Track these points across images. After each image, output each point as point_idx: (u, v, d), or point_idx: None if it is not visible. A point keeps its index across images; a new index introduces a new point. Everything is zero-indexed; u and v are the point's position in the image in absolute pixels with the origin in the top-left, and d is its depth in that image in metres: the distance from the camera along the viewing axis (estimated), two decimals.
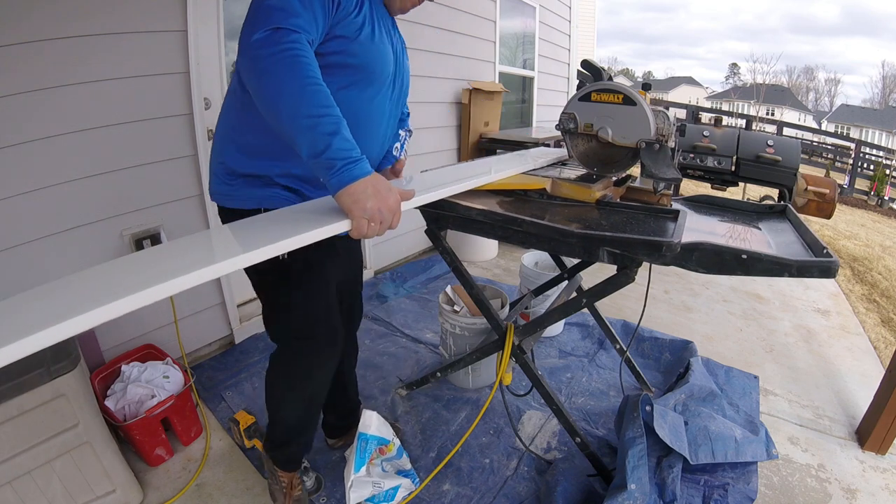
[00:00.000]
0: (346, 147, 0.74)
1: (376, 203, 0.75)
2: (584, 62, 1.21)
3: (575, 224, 0.99)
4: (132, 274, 0.60)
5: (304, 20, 0.77)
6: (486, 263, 3.18)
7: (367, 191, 0.75)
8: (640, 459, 1.21)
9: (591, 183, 1.15)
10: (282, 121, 0.75)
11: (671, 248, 0.86)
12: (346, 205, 0.75)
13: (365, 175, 0.75)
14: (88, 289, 0.56)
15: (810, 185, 1.32)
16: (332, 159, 0.73)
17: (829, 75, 52.01)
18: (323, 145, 0.73)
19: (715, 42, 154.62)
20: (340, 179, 0.74)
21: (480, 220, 1.06)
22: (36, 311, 0.51)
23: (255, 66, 0.75)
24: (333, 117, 0.75)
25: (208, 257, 0.63)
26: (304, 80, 0.74)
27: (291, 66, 0.73)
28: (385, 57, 0.96)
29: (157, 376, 1.51)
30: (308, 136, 0.74)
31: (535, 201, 1.15)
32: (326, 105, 0.75)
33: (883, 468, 1.49)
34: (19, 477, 1.09)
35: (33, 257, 1.44)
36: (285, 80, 0.73)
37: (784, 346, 2.22)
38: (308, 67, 0.74)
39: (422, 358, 2.03)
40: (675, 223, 0.98)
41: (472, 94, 3.13)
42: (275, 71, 0.73)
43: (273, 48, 0.73)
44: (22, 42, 1.32)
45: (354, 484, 1.25)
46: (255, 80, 0.75)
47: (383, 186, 0.77)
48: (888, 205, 7.80)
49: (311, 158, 0.75)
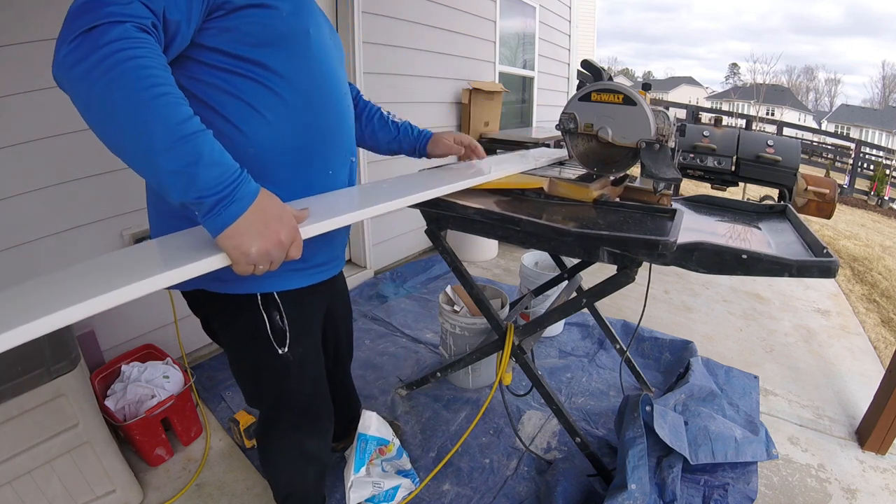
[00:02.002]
0: (214, 175, 0.57)
1: (263, 244, 0.61)
2: (584, 62, 1.20)
3: (572, 223, 0.99)
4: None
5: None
6: (486, 263, 3.18)
7: (249, 229, 0.60)
8: (640, 459, 1.21)
9: (589, 182, 1.15)
10: (131, 163, 0.58)
11: (667, 246, 0.86)
12: (226, 249, 0.60)
13: (244, 209, 0.60)
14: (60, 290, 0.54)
15: (810, 185, 1.32)
16: (200, 198, 0.57)
17: (829, 75, 52.05)
18: (185, 182, 0.56)
19: (717, 42, 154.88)
20: (214, 223, 0.59)
21: (478, 219, 1.05)
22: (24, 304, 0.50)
23: (74, 94, 0.55)
24: (190, 138, 0.56)
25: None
26: (138, 96, 0.53)
27: (116, 80, 0.52)
28: (316, 13, 0.80)
29: (157, 376, 1.51)
30: (161, 177, 0.56)
31: (532, 200, 1.15)
32: (178, 121, 0.55)
33: (883, 468, 1.49)
34: (19, 477, 1.09)
35: (33, 257, 1.44)
36: (112, 105, 0.53)
37: (784, 346, 2.22)
38: (142, 71, 0.53)
39: (422, 358, 2.03)
40: (671, 222, 0.98)
41: (472, 94, 3.13)
42: (97, 97, 0.53)
43: (85, 62, 0.52)
44: (22, 42, 1.32)
45: (354, 484, 1.25)
46: (83, 116, 0.55)
47: (271, 217, 0.62)
48: (888, 205, 7.80)
49: (178, 201, 0.58)
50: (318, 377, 1.02)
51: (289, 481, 1.11)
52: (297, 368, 0.94)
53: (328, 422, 1.10)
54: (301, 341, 0.92)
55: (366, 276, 2.79)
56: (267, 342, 0.88)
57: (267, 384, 0.96)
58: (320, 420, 1.07)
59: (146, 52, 0.54)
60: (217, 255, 0.61)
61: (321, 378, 1.04)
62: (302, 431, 1.03)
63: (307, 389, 0.99)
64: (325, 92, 0.82)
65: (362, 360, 1.98)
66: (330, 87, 0.83)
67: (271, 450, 1.06)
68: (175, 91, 0.57)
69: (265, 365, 0.92)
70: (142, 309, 1.71)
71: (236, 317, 0.87)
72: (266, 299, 0.85)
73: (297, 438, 1.04)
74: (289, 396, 0.97)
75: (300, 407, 1.00)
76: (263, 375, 0.94)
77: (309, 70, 0.78)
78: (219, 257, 0.61)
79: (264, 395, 0.99)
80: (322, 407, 1.06)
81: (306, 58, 0.77)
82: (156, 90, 0.54)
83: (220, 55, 0.69)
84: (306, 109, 0.79)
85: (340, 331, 1.24)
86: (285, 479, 1.11)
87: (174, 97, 0.56)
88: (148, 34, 0.56)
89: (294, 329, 0.90)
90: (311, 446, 1.07)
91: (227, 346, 0.95)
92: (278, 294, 0.86)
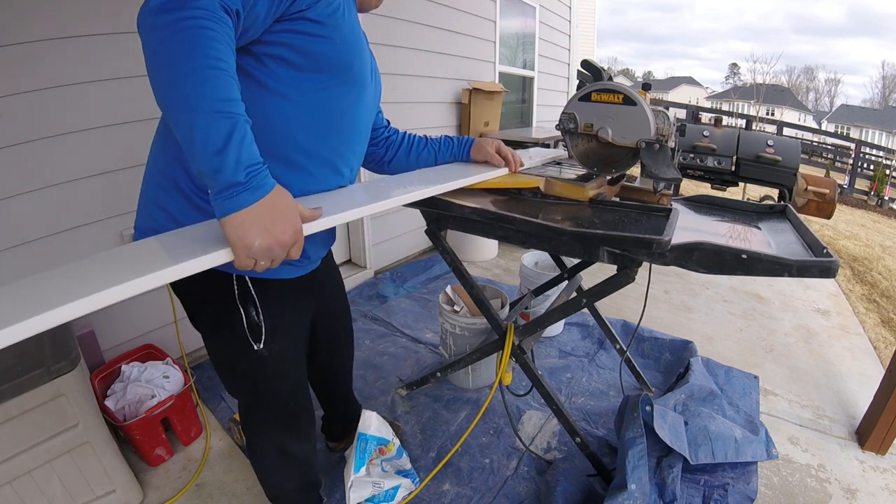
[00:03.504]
0: (240, 156, 0.59)
1: (267, 240, 0.61)
2: (584, 62, 1.20)
3: (568, 222, 0.99)
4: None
5: None
6: (486, 263, 3.18)
7: (257, 222, 0.60)
8: (640, 459, 1.21)
9: (586, 182, 1.15)
10: (171, 115, 0.58)
11: (662, 245, 0.86)
12: (229, 237, 0.60)
13: (257, 199, 0.60)
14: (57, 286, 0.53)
15: (810, 185, 1.32)
16: (218, 171, 0.58)
17: (830, 75, 52.06)
18: (211, 151, 0.57)
19: (718, 42, 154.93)
20: (224, 205, 0.59)
21: (475, 218, 1.05)
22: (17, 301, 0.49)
23: (147, 40, 0.57)
24: (231, 115, 0.58)
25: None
26: (202, 60, 0.56)
27: (189, 39, 0.56)
28: (363, 50, 0.84)
29: (157, 376, 1.51)
30: (194, 136, 0.57)
31: (528, 200, 1.15)
32: (227, 97, 0.58)
33: (883, 468, 1.49)
34: (19, 477, 1.09)
35: (33, 257, 1.44)
36: (177, 58, 0.56)
37: (784, 346, 2.22)
38: (211, 43, 0.57)
39: (422, 358, 2.03)
40: (667, 221, 0.99)
41: (472, 94, 3.13)
42: (165, 47, 0.56)
43: (168, 16, 0.55)
44: (23, 42, 1.32)
45: (354, 484, 1.25)
46: (146, 61, 0.57)
47: (281, 214, 0.62)
48: (888, 205, 7.80)
49: (199, 166, 0.59)
50: (297, 377, 1.02)
51: (275, 481, 1.11)
52: (273, 366, 0.93)
53: (308, 423, 1.09)
54: (278, 339, 0.91)
55: (366, 276, 2.79)
56: (242, 336, 0.87)
57: (242, 378, 0.96)
58: (299, 420, 1.06)
59: (221, 30, 0.59)
60: (220, 250, 0.60)
61: (301, 378, 1.04)
62: (280, 430, 1.03)
63: (285, 388, 0.99)
64: (342, 122, 0.84)
65: (362, 360, 1.98)
66: (349, 120, 0.85)
67: (254, 445, 1.06)
68: (233, 73, 0.60)
69: (239, 359, 0.91)
70: (142, 309, 1.71)
71: (214, 305, 0.87)
72: (242, 291, 0.84)
73: (277, 438, 1.03)
74: (265, 393, 0.97)
75: (278, 405, 1.00)
76: (238, 368, 0.94)
77: (333, 97, 0.80)
78: (222, 252, 0.60)
79: (240, 388, 0.99)
80: (301, 407, 1.05)
81: (339, 86, 0.80)
82: (218, 63, 0.57)
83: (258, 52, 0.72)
84: (318, 127, 0.81)
85: (336, 325, 1.24)
86: (271, 479, 1.11)
87: (231, 77, 0.60)
88: (229, 17, 0.60)
89: (270, 325, 0.89)
90: (292, 447, 1.06)
91: (203, 333, 0.94)
92: (254, 289, 0.85)
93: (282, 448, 1.05)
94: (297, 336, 0.99)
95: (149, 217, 0.81)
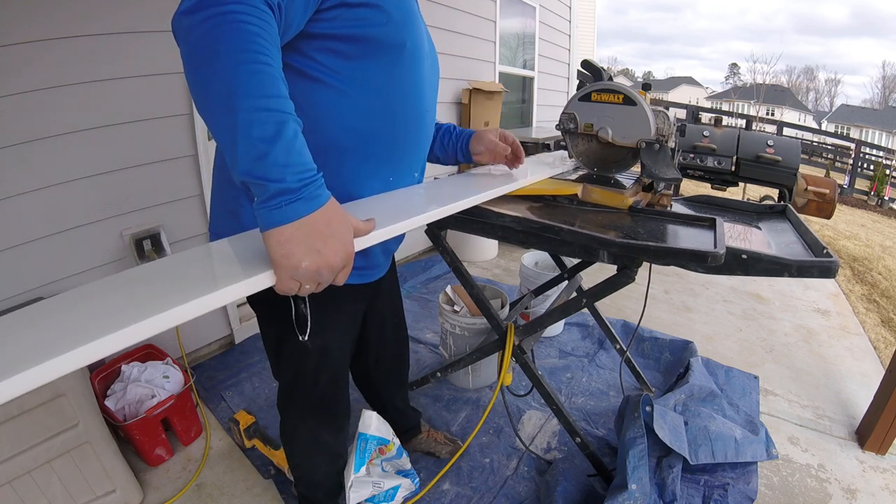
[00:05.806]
0: (288, 161, 0.51)
1: (315, 262, 0.53)
2: (584, 62, 1.21)
3: (612, 232, 0.97)
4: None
5: None
6: (486, 263, 3.18)
7: (306, 239, 0.52)
8: (640, 459, 1.21)
9: (623, 189, 1.12)
10: (210, 121, 0.52)
11: (716, 258, 0.82)
12: (273, 254, 0.52)
13: (309, 212, 0.52)
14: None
15: (810, 185, 1.32)
16: (264, 179, 0.50)
17: (830, 75, 52.07)
18: (256, 154, 0.50)
19: (720, 42, 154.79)
20: (270, 216, 0.51)
21: (515, 227, 1.01)
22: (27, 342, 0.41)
23: (183, 42, 0.52)
24: (278, 112, 0.51)
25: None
26: (243, 55, 0.50)
27: (227, 34, 0.50)
28: (416, 22, 0.77)
29: (157, 376, 1.51)
30: (236, 138, 0.50)
31: (564, 207, 1.12)
32: (270, 93, 0.51)
33: (883, 468, 1.49)
34: (19, 477, 1.09)
35: (33, 257, 1.44)
36: (214, 55, 0.50)
37: (784, 346, 2.22)
38: (253, 38, 0.51)
39: (422, 358, 2.03)
40: (712, 231, 0.96)
41: (472, 94, 3.13)
42: (202, 45, 0.50)
43: (205, 12, 0.50)
44: (23, 42, 1.32)
45: (354, 484, 1.24)
46: (185, 66, 0.52)
47: (334, 232, 0.54)
48: (888, 205, 7.80)
49: (242, 175, 0.51)
50: (339, 373, 1.03)
51: (301, 462, 1.14)
52: (316, 359, 0.94)
53: (344, 419, 1.11)
54: (323, 333, 0.90)
55: None
56: (289, 325, 0.85)
57: (284, 364, 0.97)
58: (336, 416, 1.08)
59: (264, 25, 0.53)
60: (262, 273, 0.52)
61: (342, 375, 1.05)
62: (315, 420, 1.05)
63: (324, 381, 1.00)
64: (405, 104, 0.80)
65: None
66: (412, 100, 0.81)
67: (287, 428, 1.09)
68: (279, 70, 0.54)
69: (284, 345, 0.93)
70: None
71: (268, 290, 0.86)
72: None
73: (310, 425, 1.06)
74: (304, 384, 0.98)
75: (315, 396, 1.01)
76: (282, 354, 0.96)
77: (390, 79, 0.75)
78: (264, 276, 0.52)
79: (282, 372, 1.01)
80: (338, 402, 1.07)
81: (395, 66, 0.75)
82: (260, 57, 0.51)
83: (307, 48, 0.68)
84: (381, 114, 0.77)
85: (386, 330, 1.24)
86: (298, 460, 1.15)
87: (277, 72, 0.53)
88: (271, 12, 0.55)
89: (318, 320, 0.86)
90: (324, 437, 1.08)
91: (257, 314, 0.96)
92: None
93: (314, 436, 1.07)
94: (343, 334, 1.00)
95: (221, 222, 0.82)
